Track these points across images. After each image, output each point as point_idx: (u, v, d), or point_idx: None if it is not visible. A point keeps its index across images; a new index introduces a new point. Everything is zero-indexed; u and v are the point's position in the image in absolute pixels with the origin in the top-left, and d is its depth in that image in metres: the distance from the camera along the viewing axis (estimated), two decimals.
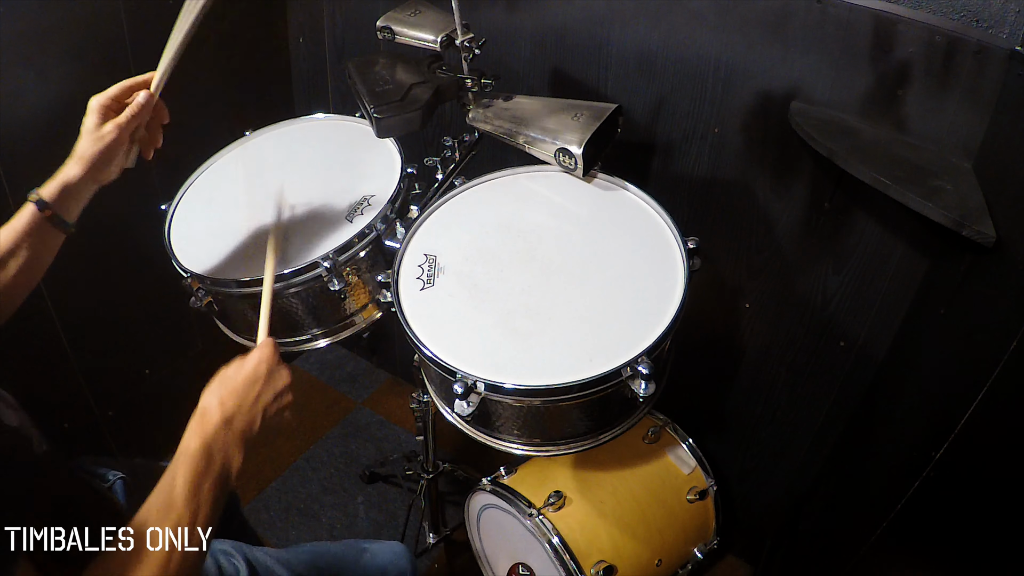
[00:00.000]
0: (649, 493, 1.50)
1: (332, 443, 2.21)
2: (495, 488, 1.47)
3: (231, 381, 0.88)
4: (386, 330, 1.56)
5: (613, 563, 1.37)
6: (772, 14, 1.19)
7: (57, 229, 0.99)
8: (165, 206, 1.27)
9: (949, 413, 0.98)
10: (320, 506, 2.04)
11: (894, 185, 1.01)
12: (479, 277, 1.11)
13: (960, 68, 1.06)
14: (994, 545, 0.97)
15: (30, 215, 0.96)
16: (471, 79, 1.23)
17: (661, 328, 0.99)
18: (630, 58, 1.39)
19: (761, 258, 1.44)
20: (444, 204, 1.25)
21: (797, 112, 1.20)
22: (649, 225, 1.17)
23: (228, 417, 0.84)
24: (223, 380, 0.88)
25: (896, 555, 1.17)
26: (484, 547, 1.67)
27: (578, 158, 1.15)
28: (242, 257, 1.18)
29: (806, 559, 1.55)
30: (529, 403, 1.00)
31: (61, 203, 0.97)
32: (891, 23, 1.09)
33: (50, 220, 0.97)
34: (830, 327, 1.41)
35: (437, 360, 0.99)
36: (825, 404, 1.51)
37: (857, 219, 1.27)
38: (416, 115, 1.17)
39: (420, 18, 1.26)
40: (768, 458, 1.69)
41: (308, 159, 1.36)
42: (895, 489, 1.10)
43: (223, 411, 0.84)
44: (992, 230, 0.94)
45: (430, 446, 1.70)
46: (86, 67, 1.50)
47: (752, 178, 1.37)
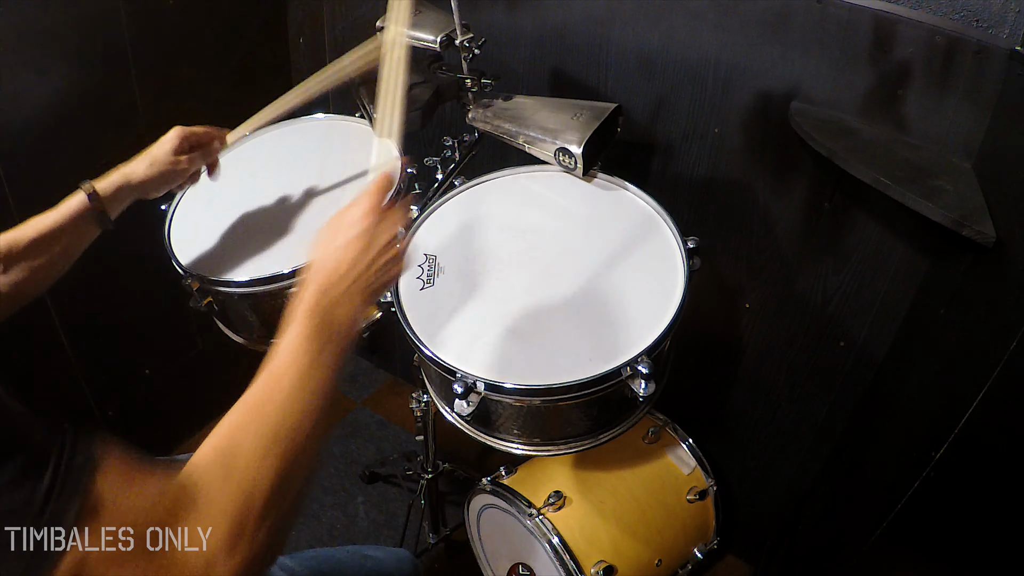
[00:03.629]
0: (649, 493, 1.50)
1: (332, 443, 2.21)
2: (495, 488, 1.47)
3: (330, 248, 0.75)
4: (386, 330, 1.56)
5: (613, 563, 1.37)
6: (772, 14, 1.19)
7: (97, 225, 1.02)
8: (165, 206, 1.27)
9: (949, 413, 0.98)
10: (320, 506, 2.04)
11: (894, 185, 1.02)
12: (479, 277, 1.11)
13: (960, 68, 1.06)
14: (994, 545, 0.97)
15: (79, 204, 0.99)
16: (471, 79, 1.23)
17: (661, 328, 0.99)
18: (630, 58, 1.39)
19: (761, 258, 1.44)
20: (444, 204, 1.25)
21: (797, 112, 1.20)
22: (649, 225, 1.17)
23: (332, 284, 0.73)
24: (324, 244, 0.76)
25: (896, 555, 1.17)
26: (484, 547, 1.67)
27: (578, 158, 1.15)
28: (242, 257, 1.18)
29: (806, 559, 1.55)
30: (529, 403, 1.00)
31: (110, 199, 1.02)
32: (891, 23, 1.09)
33: (96, 214, 1.00)
34: (830, 327, 1.41)
35: (437, 360, 0.99)
36: (825, 404, 1.51)
37: (857, 219, 1.27)
38: (416, 115, 1.17)
39: (420, 18, 1.26)
40: (768, 458, 1.69)
41: (308, 159, 1.36)
42: (895, 489, 1.10)
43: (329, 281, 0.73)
44: (992, 230, 0.94)
45: (430, 446, 1.70)
46: (86, 67, 1.50)
47: (752, 178, 1.37)
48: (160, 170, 1.06)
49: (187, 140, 1.09)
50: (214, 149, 1.15)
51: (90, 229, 1.02)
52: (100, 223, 1.02)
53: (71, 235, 0.99)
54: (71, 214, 0.98)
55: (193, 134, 1.10)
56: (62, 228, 0.98)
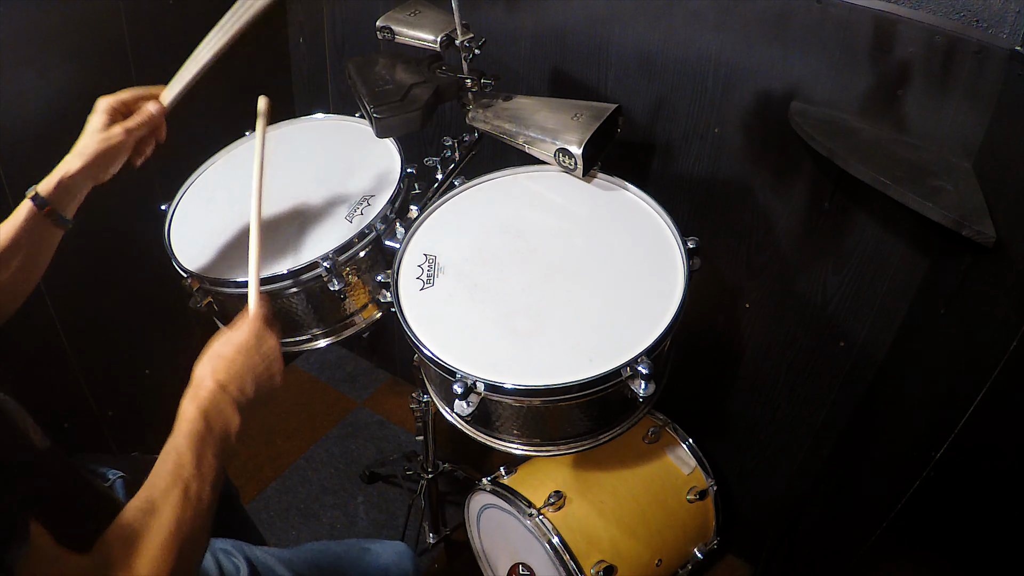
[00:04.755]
0: (649, 493, 1.50)
1: (332, 443, 2.21)
2: (495, 488, 1.47)
3: (221, 352, 0.89)
4: (386, 330, 1.56)
5: (613, 563, 1.37)
6: (772, 14, 1.19)
7: (55, 226, 0.99)
8: (165, 206, 1.27)
9: (949, 413, 0.98)
10: (320, 506, 2.04)
11: (894, 185, 1.01)
12: (479, 277, 1.11)
13: (960, 68, 1.06)
14: (994, 545, 0.97)
15: (27, 212, 0.97)
16: (471, 79, 1.23)
17: (661, 328, 0.99)
18: (630, 58, 1.39)
19: (761, 258, 1.44)
20: (444, 204, 1.25)
21: (797, 112, 1.20)
22: (649, 225, 1.17)
23: (221, 383, 0.85)
24: (213, 352, 0.89)
25: (896, 555, 1.17)
26: (484, 547, 1.67)
27: (578, 158, 1.15)
28: (242, 257, 1.18)
29: (806, 559, 1.55)
30: (529, 403, 1.00)
31: (58, 199, 0.98)
32: (891, 23, 1.09)
33: (48, 216, 0.97)
34: (830, 327, 1.41)
35: (437, 360, 0.99)
36: (825, 404, 1.51)
37: (857, 219, 1.27)
38: (416, 115, 1.17)
39: (420, 18, 1.26)
40: (768, 458, 1.69)
41: (308, 159, 1.36)
42: (895, 489, 1.10)
43: (215, 379, 0.85)
44: (992, 230, 0.94)
45: (430, 446, 1.70)
46: (86, 67, 1.50)
47: (752, 178, 1.37)
48: (95, 151, 0.99)
49: (115, 111, 1.01)
50: (149, 111, 1.04)
51: (49, 231, 0.99)
52: (57, 223, 0.99)
53: (30, 241, 0.97)
54: (23, 222, 0.96)
55: (120, 102, 1.02)
56: (18, 237, 0.96)
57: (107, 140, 0.99)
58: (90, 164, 0.99)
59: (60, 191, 0.98)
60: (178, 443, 0.79)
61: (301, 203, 1.24)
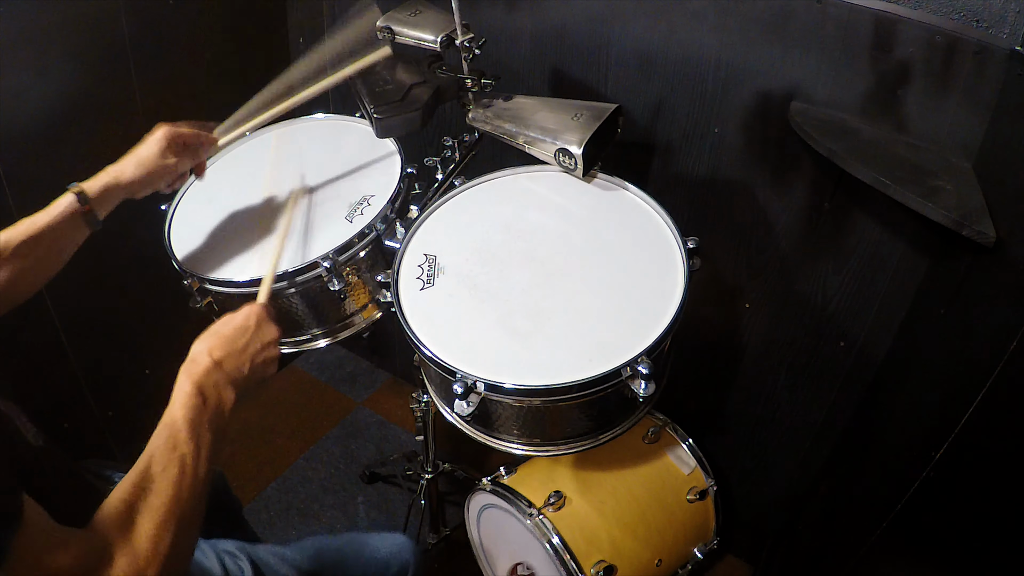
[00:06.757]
0: (649, 493, 1.50)
1: (332, 443, 2.21)
2: (495, 488, 1.47)
3: (220, 330, 0.90)
4: (386, 330, 1.56)
5: (613, 563, 1.37)
6: (772, 14, 1.19)
7: (87, 226, 1.02)
8: (165, 206, 1.27)
9: (949, 413, 0.98)
10: (320, 506, 2.04)
11: (894, 185, 1.01)
12: (479, 277, 1.11)
13: (960, 68, 1.06)
14: (994, 545, 0.97)
15: (67, 205, 0.99)
16: (471, 79, 1.23)
17: (661, 328, 0.99)
18: (630, 58, 1.39)
19: (761, 258, 1.44)
20: (444, 204, 1.25)
21: (797, 112, 1.20)
22: (649, 225, 1.17)
23: (217, 360, 0.86)
24: (212, 330, 0.91)
25: (896, 555, 1.17)
26: (484, 547, 1.67)
27: (578, 158, 1.15)
28: (242, 257, 1.18)
29: (806, 559, 1.55)
30: (529, 403, 1.00)
31: (100, 201, 1.02)
32: (891, 23, 1.09)
33: (85, 215, 1.00)
34: (830, 327, 1.41)
35: (437, 360, 0.99)
36: (825, 404, 1.51)
37: (857, 219, 1.27)
38: (416, 115, 1.17)
39: (420, 18, 1.26)
40: (768, 458, 1.69)
41: (308, 159, 1.36)
42: (895, 489, 1.10)
43: (212, 356, 0.86)
44: (992, 230, 0.94)
45: (430, 446, 1.70)
46: (86, 67, 1.50)
47: (752, 178, 1.37)
48: (148, 170, 1.06)
49: (175, 141, 1.08)
50: (202, 152, 1.15)
51: (80, 230, 1.02)
52: (89, 224, 1.02)
53: (61, 236, 1.00)
54: (60, 215, 0.98)
55: (181, 136, 1.09)
56: (52, 229, 0.98)
57: (164, 167, 1.06)
58: (142, 179, 1.05)
59: (104, 194, 1.02)
60: (174, 418, 0.79)
61: (301, 203, 1.24)
